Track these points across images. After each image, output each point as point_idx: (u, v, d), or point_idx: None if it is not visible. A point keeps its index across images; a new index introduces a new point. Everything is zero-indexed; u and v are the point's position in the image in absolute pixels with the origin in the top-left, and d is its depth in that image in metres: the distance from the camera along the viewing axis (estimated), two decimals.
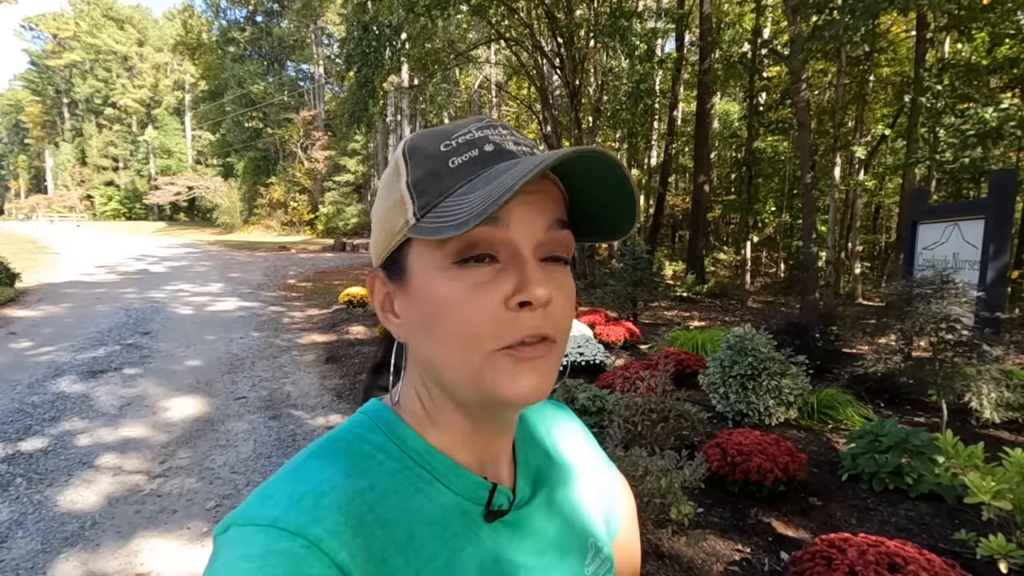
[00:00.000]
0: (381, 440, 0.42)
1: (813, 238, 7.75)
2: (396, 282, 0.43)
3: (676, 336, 6.33)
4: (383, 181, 0.45)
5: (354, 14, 14.54)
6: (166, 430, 3.93)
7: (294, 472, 0.40)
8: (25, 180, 58.06)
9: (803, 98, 7.83)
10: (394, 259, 0.42)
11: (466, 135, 0.41)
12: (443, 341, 0.39)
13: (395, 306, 0.44)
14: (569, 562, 0.48)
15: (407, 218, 0.40)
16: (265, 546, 0.34)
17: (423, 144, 0.41)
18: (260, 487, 0.39)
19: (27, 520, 2.76)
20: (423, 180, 0.40)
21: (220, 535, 0.36)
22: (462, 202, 0.36)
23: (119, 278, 12.03)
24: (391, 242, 0.42)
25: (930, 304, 3.44)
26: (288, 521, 0.35)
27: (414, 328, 0.42)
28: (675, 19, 12.14)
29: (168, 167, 42.96)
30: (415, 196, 0.40)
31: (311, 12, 29.70)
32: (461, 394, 0.41)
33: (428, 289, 0.39)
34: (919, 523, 2.62)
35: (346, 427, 0.44)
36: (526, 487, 0.48)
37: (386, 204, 0.42)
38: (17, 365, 5.40)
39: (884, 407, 4.27)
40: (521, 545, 0.44)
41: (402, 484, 0.41)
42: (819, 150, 11.83)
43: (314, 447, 0.42)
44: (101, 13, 46.44)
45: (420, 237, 0.38)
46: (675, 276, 14.22)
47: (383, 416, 0.44)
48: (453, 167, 0.39)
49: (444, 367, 0.40)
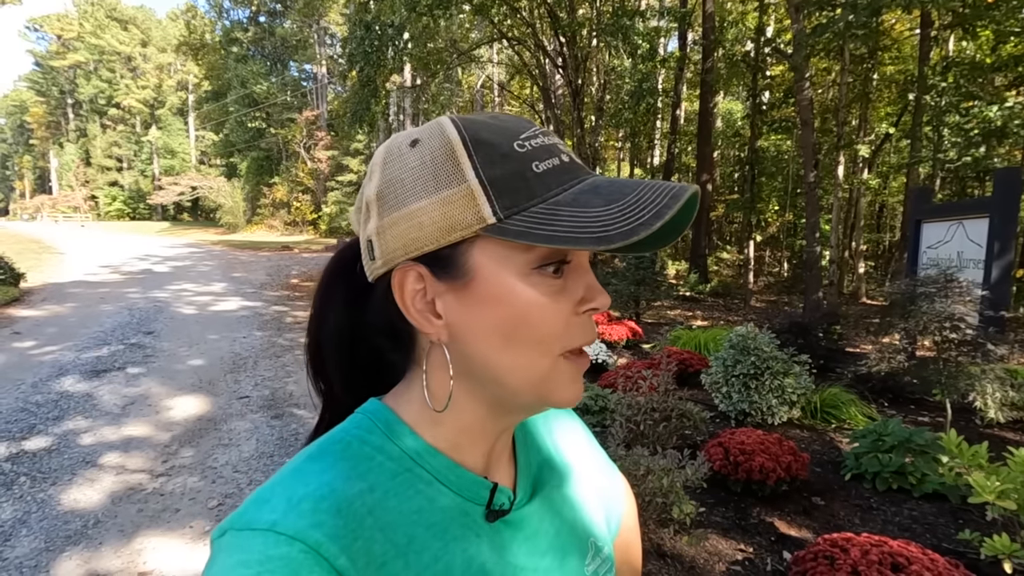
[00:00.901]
0: (380, 441, 0.41)
1: (816, 237, 7.73)
2: (448, 281, 0.40)
3: (679, 335, 6.32)
4: (408, 161, 0.40)
5: (356, 14, 14.54)
6: (169, 429, 3.94)
7: (292, 475, 0.38)
8: (30, 180, 58.31)
9: (806, 96, 7.81)
10: (441, 256, 0.39)
11: (536, 139, 0.40)
12: (516, 345, 0.39)
13: (438, 306, 0.40)
14: (570, 562, 0.47)
15: (481, 215, 0.37)
16: (263, 551, 0.33)
17: (490, 138, 0.39)
18: (257, 491, 0.38)
19: (31, 518, 2.77)
20: (505, 179, 0.38)
21: (217, 540, 0.36)
22: (575, 213, 0.36)
23: (123, 278, 12.07)
24: (446, 237, 0.38)
25: (934, 303, 3.42)
26: (286, 526, 0.34)
27: (473, 332, 0.40)
28: (678, 18, 12.12)
29: (172, 167, 43.08)
30: (493, 194, 0.37)
31: (313, 12, 29.74)
32: (516, 398, 0.41)
33: (507, 293, 0.38)
34: (923, 523, 2.61)
35: (344, 428, 0.43)
36: (527, 487, 0.47)
37: (431, 192, 0.39)
38: (21, 364, 5.42)
39: (888, 407, 4.26)
40: (522, 545, 0.44)
41: (402, 486, 0.40)
42: (823, 149, 11.79)
43: (312, 449, 0.41)
44: (105, 14, 46.57)
45: (517, 241, 0.36)
46: (678, 275, 14.19)
47: (383, 416, 0.43)
48: (539, 172, 0.38)
49: (509, 371, 0.40)
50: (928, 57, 9.92)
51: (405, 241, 0.39)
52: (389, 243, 0.40)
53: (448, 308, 0.40)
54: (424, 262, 0.40)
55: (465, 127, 0.40)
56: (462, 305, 0.40)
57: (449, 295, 0.40)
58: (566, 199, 0.38)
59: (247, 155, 33.93)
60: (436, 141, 0.40)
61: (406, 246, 0.39)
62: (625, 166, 19.87)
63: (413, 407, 0.43)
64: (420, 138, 0.41)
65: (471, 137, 0.39)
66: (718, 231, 18.93)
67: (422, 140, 0.40)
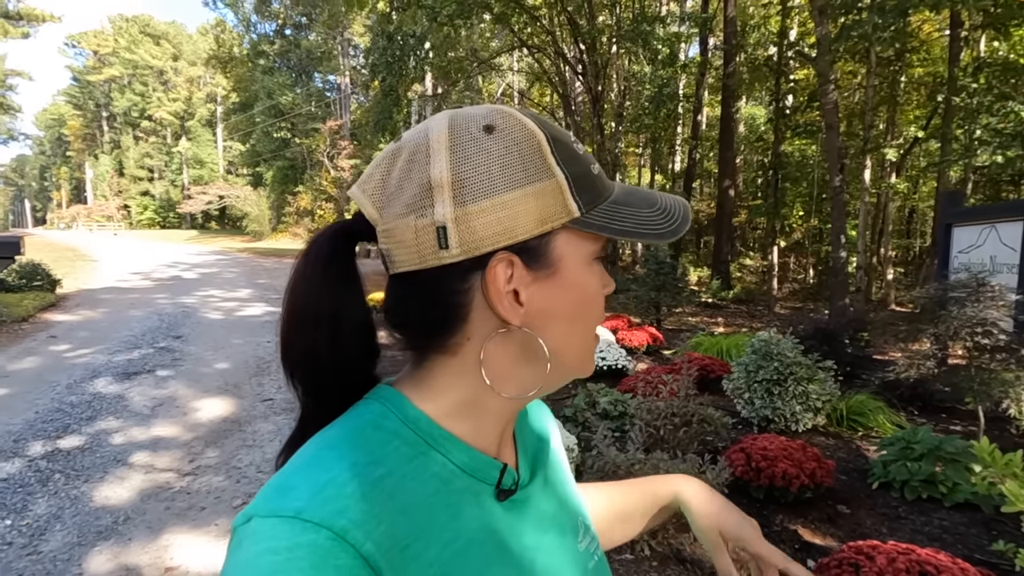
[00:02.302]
0: (396, 425, 0.42)
1: (842, 243, 7.57)
2: (535, 269, 0.41)
3: (700, 341, 6.25)
4: (489, 149, 0.40)
5: (379, 24, 14.80)
6: (195, 430, 4.03)
7: (312, 461, 0.39)
8: (67, 191, 60.50)
9: (831, 100, 7.68)
10: (530, 246, 0.41)
11: (580, 145, 0.44)
12: (583, 325, 0.45)
13: (522, 294, 0.41)
14: (567, 539, 0.50)
15: (568, 208, 0.41)
16: (291, 538, 0.33)
17: (562, 137, 0.43)
18: (277, 477, 0.38)
19: (64, 514, 2.87)
20: (580, 176, 0.42)
21: (241, 526, 0.36)
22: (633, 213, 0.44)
23: (152, 284, 12.41)
24: (540, 227, 0.40)
25: (964, 308, 3.33)
26: (312, 513, 0.34)
27: (552, 315, 0.43)
28: (699, 23, 12.06)
29: (200, 177, 44.25)
30: (576, 189, 0.41)
31: (337, 24, 30.33)
32: (563, 374, 0.46)
33: (582, 281, 0.43)
34: (953, 533, 2.53)
35: (358, 413, 0.43)
36: (527, 468, 0.49)
37: (523, 183, 0.39)
38: (57, 367, 5.61)
39: (918, 414, 4.14)
40: (528, 523, 0.46)
41: (419, 469, 0.40)
42: (848, 153, 11.57)
43: (328, 436, 0.41)
44: (139, 30, 48.24)
45: (596, 233, 0.42)
46: (700, 282, 14.03)
47: (395, 401, 0.43)
48: (596, 173, 0.44)
49: (575, 348, 0.45)
50: (958, 58, 9.68)
51: (498, 230, 0.39)
52: (478, 231, 0.39)
53: (532, 295, 0.42)
54: (514, 251, 0.40)
55: (538, 121, 0.42)
56: (543, 291, 0.42)
57: (535, 283, 0.42)
58: (619, 198, 0.44)
59: (272, 164, 34.66)
60: (518, 132, 0.41)
61: (497, 235, 0.39)
62: (646, 172, 19.76)
63: (425, 393, 0.44)
64: (495, 124, 0.41)
65: (549, 132, 0.42)
66: (741, 237, 18.67)
67: (498, 128, 0.41)
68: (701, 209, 19.14)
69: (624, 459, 2.38)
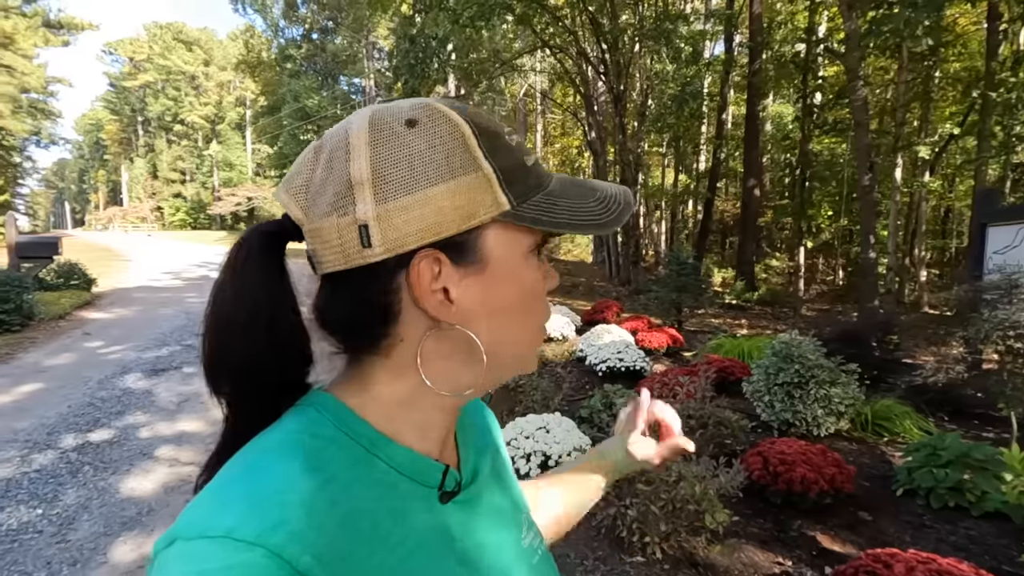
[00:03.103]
0: (332, 432, 0.40)
1: (872, 243, 7.37)
2: (464, 266, 0.40)
3: (721, 343, 6.14)
4: (411, 144, 0.39)
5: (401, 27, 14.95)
6: (218, 425, 4.09)
7: (243, 474, 0.36)
8: (104, 193, 62.64)
9: (860, 97, 7.49)
10: (456, 241, 0.39)
11: (514, 135, 0.43)
12: (521, 322, 0.44)
13: (452, 291, 0.40)
14: (512, 535, 0.50)
15: (498, 201, 0.39)
16: (222, 560, 0.31)
17: (492, 128, 0.41)
18: (205, 493, 0.35)
19: (92, 504, 2.97)
20: (511, 169, 0.41)
21: (163, 550, 0.33)
22: (571, 204, 0.43)
23: (182, 283, 12.76)
24: (466, 223, 0.39)
25: (996, 310, 3.21)
26: (245, 530, 0.32)
27: (486, 312, 0.41)
28: (723, 20, 11.88)
29: (230, 179, 45.29)
30: (505, 182, 0.40)
31: (362, 27, 30.75)
32: (508, 371, 0.46)
33: (518, 275, 0.42)
34: (981, 543, 2.44)
35: (291, 421, 0.41)
36: (468, 469, 0.49)
37: (447, 178, 0.38)
38: (90, 363, 5.81)
39: (948, 420, 4.00)
40: (473, 522, 0.45)
41: (360, 475, 0.39)
42: (879, 151, 11.25)
43: (260, 445, 0.39)
44: (172, 36, 49.64)
45: (528, 226, 0.41)
46: (724, 283, 13.82)
47: (330, 406, 0.42)
48: (530, 165, 0.43)
49: (512, 345, 0.44)
50: (997, 52, 9.34)
51: (421, 227, 0.38)
52: (400, 228, 0.38)
53: (462, 292, 0.40)
54: (439, 247, 0.39)
55: (464, 113, 0.41)
56: (477, 288, 0.41)
57: (464, 279, 0.40)
58: (556, 190, 0.43)
59: None
60: (442, 126, 0.39)
61: (421, 232, 0.38)
62: (669, 172, 19.54)
63: (360, 397, 0.42)
64: (416, 119, 0.40)
65: (476, 124, 0.40)
66: (767, 238, 18.33)
67: (421, 122, 0.39)
68: (726, 209, 18.86)
69: None
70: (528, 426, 3.14)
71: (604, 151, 13.61)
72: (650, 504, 2.19)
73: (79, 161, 70.85)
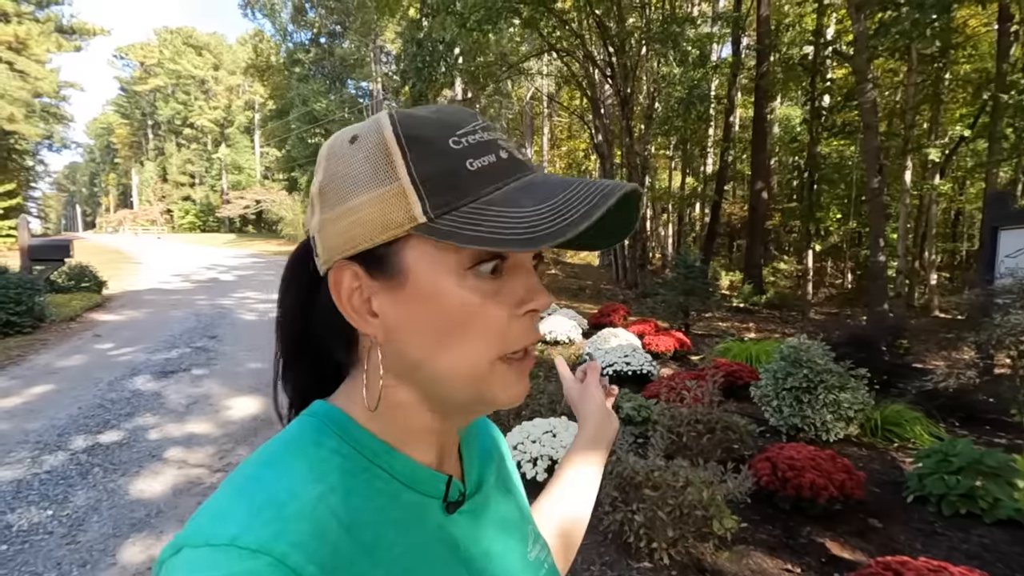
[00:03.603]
0: (334, 442, 0.40)
1: (881, 246, 7.32)
2: (382, 280, 0.39)
3: (729, 347, 6.12)
4: (348, 158, 0.40)
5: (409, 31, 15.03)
6: (227, 428, 4.15)
7: (248, 483, 0.37)
8: (114, 196, 63.29)
9: (869, 99, 7.44)
10: (376, 255, 0.39)
11: (474, 135, 0.39)
12: (452, 347, 0.39)
13: (374, 305, 0.40)
14: (517, 548, 0.49)
15: (412, 214, 0.36)
16: (227, 567, 0.31)
17: (426, 135, 0.38)
18: (211, 501, 0.36)
19: (101, 506, 2.99)
20: (436, 177, 0.37)
21: (170, 559, 0.33)
22: (504, 213, 0.35)
23: (192, 286, 12.86)
24: (380, 235, 0.38)
25: (1009, 315, 3.18)
26: (249, 539, 0.32)
27: (408, 332, 0.39)
28: (731, 22, 11.85)
29: (239, 182, 45.64)
30: (424, 193, 0.37)
31: (370, 31, 30.91)
32: (454, 397, 0.41)
33: (440, 293, 0.38)
34: (994, 551, 2.41)
35: (294, 431, 0.41)
36: (473, 479, 0.49)
37: (367, 190, 0.38)
38: (100, 364, 5.86)
39: (959, 426, 3.96)
40: (478, 533, 0.45)
41: (362, 484, 0.39)
42: (889, 153, 11.18)
43: (264, 455, 0.39)
44: (182, 41, 50.13)
45: (446, 241, 0.36)
46: (732, 286, 13.76)
47: (333, 417, 0.42)
48: (472, 170, 0.37)
49: (445, 371, 0.39)
50: (1008, 54, 9.26)
51: (343, 239, 0.39)
52: (328, 240, 0.40)
53: (384, 307, 0.40)
54: (359, 260, 0.39)
55: (401, 123, 0.39)
56: (397, 304, 0.39)
57: (384, 294, 0.39)
58: (497, 198, 0.37)
59: (307, 170, 35.49)
60: (372, 138, 0.39)
61: (343, 244, 0.39)
62: (677, 175, 19.49)
63: (360, 406, 0.42)
64: (359, 134, 0.40)
65: (405, 134, 0.38)
66: (775, 241, 18.23)
67: (360, 136, 0.40)
68: (733, 212, 18.78)
69: (644, 465, 2.35)
70: (535, 430, 3.14)
71: (611, 154, 13.59)
72: (657, 510, 2.18)
73: (90, 164, 71.63)
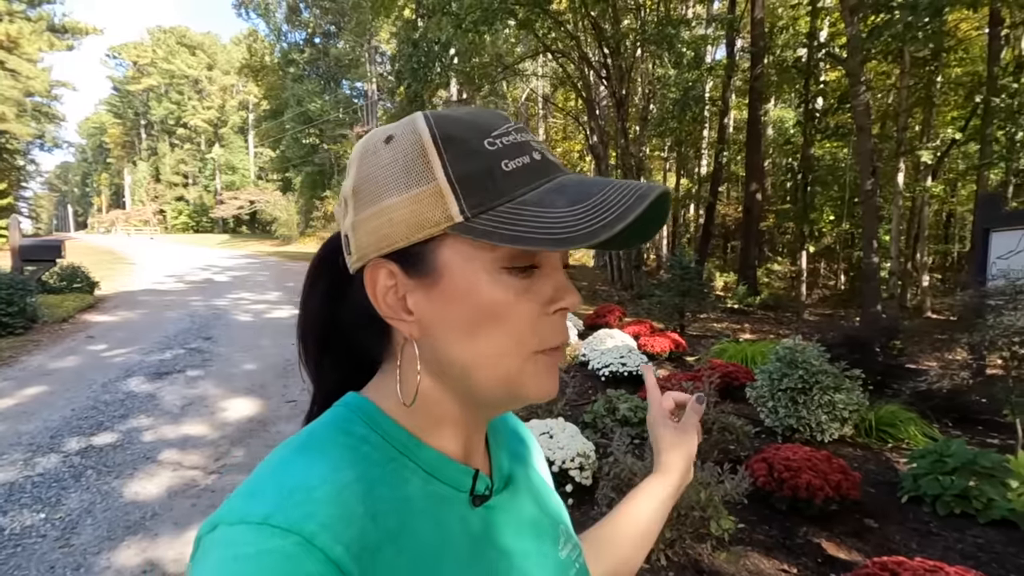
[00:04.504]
0: (364, 431, 0.42)
1: (874, 248, 7.37)
2: (417, 278, 0.40)
3: (724, 348, 6.14)
4: (383, 159, 0.41)
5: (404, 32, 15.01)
6: (222, 429, 4.13)
7: (280, 466, 0.38)
8: (106, 196, 62.85)
9: (862, 101, 7.49)
10: (411, 253, 0.40)
11: (508, 136, 0.40)
12: (484, 343, 0.40)
13: (409, 302, 0.41)
14: (546, 545, 0.49)
15: (449, 213, 0.38)
16: (258, 544, 0.32)
17: (462, 136, 0.39)
18: (246, 483, 0.38)
19: (95, 508, 2.96)
20: (472, 177, 0.38)
21: (207, 535, 0.35)
22: (539, 213, 0.36)
23: (186, 287, 12.78)
24: (416, 234, 0.39)
25: (1002, 316, 3.21)
26: (280, 518, 0.33)
27: (442, 328, 0.40)
28: (725, 25, 11.90)
29: (232, 183, 45.43)
30: (461, 192, 0.38)
31: (365, 31, 30.86)
32: (485, 393, 0.42)
33: (474, 291, 0.39)
34: (989, 551, 2.43)
35: (326, 420, 0.43)
36: (501, 475, 0.49)
37: (403, 190, 0.39)
38: (94, 366, 5.82)
39: (952, 427, 3.99)
40: (504, 529, 0.45)
41: (390, 474, 0.40)
42: (882, 156, 11.26)
43: (296, 442, 0.41)
44: (176, 40, 49.89)
45: (482, 240, 0.37)
46: (726, 287, 13.80)
47: (364, 408, 0.43)
48: (507, 171, 0.39)
49: (477, 367, 0.40)
50: (998, 57, 9.35)
51: (377, 237, 0.40)
52: (362, 239, 0.41)
53: (418, 305, 0.41)
54: (395, 259, 0.40)
55: (437, 124, 0.40)
56: (431, 302, 0.40)
57: (419, 292, 0.41)
58: (532, 199, 0.38)
59: (301, 170, 35.39)
60: (408, 139, 0.40)
61: (377, 242, 0.40)
62: (671, 176, 19.56)
63: (391, 399, 0.44)
64: (395, 134, 0.41)
65: (441, 134, 0.39)
66: (769, 242, 18.32)
67: (396, 136, 0.41)
68: (728, 213, 18.84)
69: (641, 466, 2.35)
70: (532, 432, 3.13)
71: (606, 155, 13.63)
72: None
73: (82, 164, 71.13)
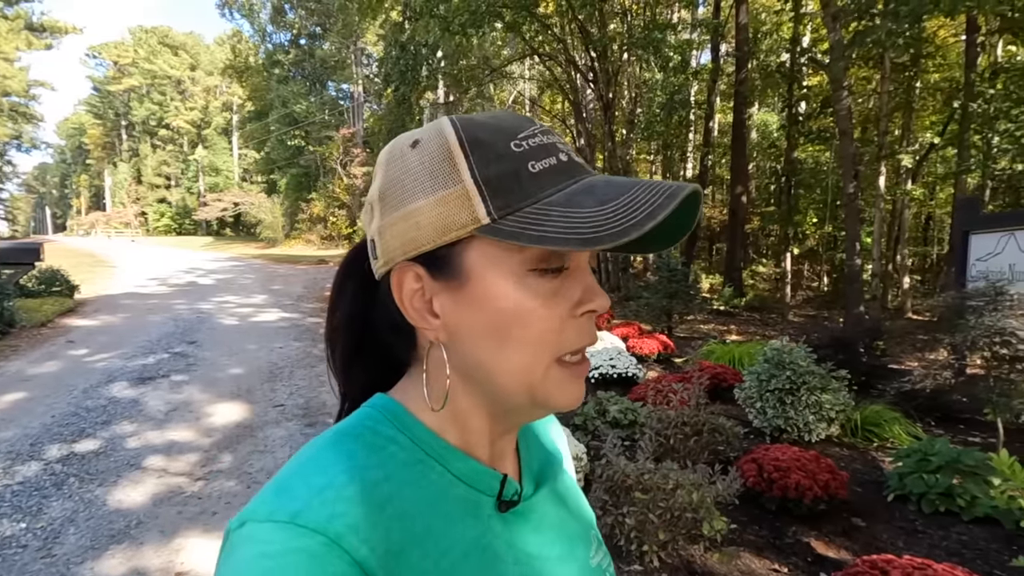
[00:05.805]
0: (392, 432, 0.42)
1: (857, 250, 7.49)
2: (443, 281, 0.40)
3: (712, 350, 6.19)
4: (409, 163, 0.40)
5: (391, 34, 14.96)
6: (209, 435, 4.07)
7: (309, 464, 0.38)
8: (86, 198, 61.66)
9: (844, 106, 7.62)
10: (438, 256, 0.40)
11: (534, 138, 0.40)
12: (510, 347, 0.39)
13: (435, 305, 0.41)
14: (577, 553, 0.48)
15: (476, 215, 0.37)
16: (284, 543, 0.33)
17: (487, 138, 0.39)
18: (274, 481, 0.38)
19: (78, 517, 2.90)
20: (499, 179, 0.38)
21: (236, 530, 0.35)
22: (566, 213, 0.36)
23: (169, 290, 12.59)
24: (443, 237, 0.38)
25: (983, 317, 3.27)
26: (307, 518, 0.34)
27: (468, 331, 0.40)
28: (710, 29, 12.04)
29: (216, 184, 44.87)
30: (488, 194, 0.37)
31: (351, 33, 30.72)
32: (510, 398, 0.41)
33: (500, 294, 0.39)
34: (973, 548, 2.47)
35: (355, 420, 0.43)
36: (531, 481, 0.48)
37: (429, 193, 0.39)
38: (74, 371, 5.70)
39: (935, 425, 4.07)
40: (532, 535, 0.45)
41: (417, 476, 0.40)
42: (863, 159, 11.46)
43: (325, 440, 0.41)
44: (158, 40, 49.18)
45: (509, 241, 0.36)
46: (712, 289, 13.93)
47: (392, 409, 0.43)
48: (534, 172, 0.38)
49: (502, 372, 0.40)
50: (975, 63, 9.56)
51: (403, 241, 0.40)
52: (388, 242, 0.41)
53: (445, 308, 0.41)
54: (421, 262, 0.40)
55: (463, 127, 0.40)
56: (458, 305, 0.40)
57: (445, 295, 0.40)
58: (560, 199, 0.37)
59: (287, 172, 35.09)
60: (434, 142, 0.40)
61: (404, 246, 0.40)
62: (657, 179, 19.70)
63: (419, 402, 0.43)
64: (421, 139, 0.41)
65: (468, 137, 0.39)
66: (754, 244, 18.51)
67: (422, 141, 0.41)
68: (713, 216, 19.02)
69: (633, 468, 2.36)
70: None
71: (593, 158, 13.70)
72: (648, 512, 2.19)
73: (61, 166, 69.74)
